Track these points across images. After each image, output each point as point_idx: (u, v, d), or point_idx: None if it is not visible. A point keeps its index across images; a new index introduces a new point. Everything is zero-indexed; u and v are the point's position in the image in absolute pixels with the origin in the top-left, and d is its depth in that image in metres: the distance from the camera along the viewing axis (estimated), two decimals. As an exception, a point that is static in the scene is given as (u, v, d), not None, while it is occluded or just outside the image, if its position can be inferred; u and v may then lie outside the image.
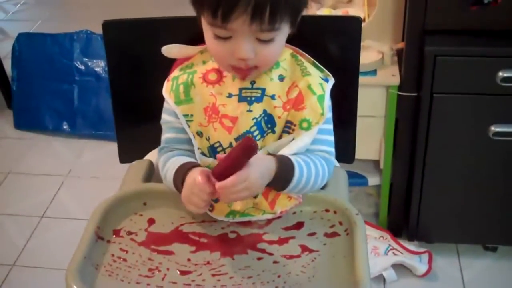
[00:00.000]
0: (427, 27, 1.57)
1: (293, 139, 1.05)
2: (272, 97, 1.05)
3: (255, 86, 1.05)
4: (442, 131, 1.66)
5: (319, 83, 1.07)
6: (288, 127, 1.05)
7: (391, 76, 1.70)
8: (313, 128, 1.05)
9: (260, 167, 0.97)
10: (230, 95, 1.05)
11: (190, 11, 1.03)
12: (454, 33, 1.57)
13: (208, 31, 0.99)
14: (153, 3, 3.48)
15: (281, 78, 1.06)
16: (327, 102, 1.06)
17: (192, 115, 1.07)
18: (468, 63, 1.57)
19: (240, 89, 1.05)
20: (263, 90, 1.05)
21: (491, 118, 1.62)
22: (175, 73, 1.11)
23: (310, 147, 1.07)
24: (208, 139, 1.06)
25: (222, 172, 0.94)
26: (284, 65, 1.07)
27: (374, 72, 1.72)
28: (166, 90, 1.09)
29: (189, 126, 1.07)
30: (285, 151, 1.04)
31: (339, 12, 1.85)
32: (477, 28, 1.56)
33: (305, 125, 1.05)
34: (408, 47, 1.63)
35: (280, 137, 1.06)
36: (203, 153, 1.08)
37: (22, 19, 3.54)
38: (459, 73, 1.58)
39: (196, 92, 1.06)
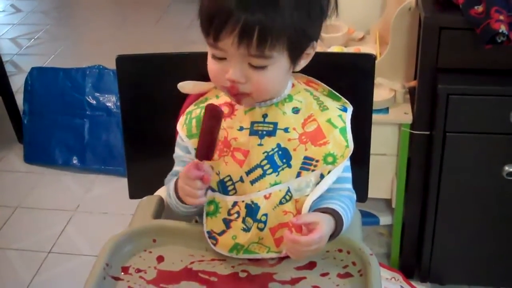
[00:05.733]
0: (440, 65, 1.57)
1: (321, 175, 1.04)
2: (285, 130, 1.04)
3: (267, 120, 1.04)
4: (455, 170, 1.65)
5: (338, 115, 1.07)
6: (308, 164, 1.04)
7: (404, 114, 1.69)
8: (343, 162, 1.04)
9: (328, 231, 0.98)
10: (241, 128, 1.04)
11: (201, 48, 1.04)
12: (467, 72, 1.56)
13: (209, 52, 1.00)
14: (165, 40, 3.52)
15: (296, 111, 1.05)
16: (350, 133, 1.06)
17: None
18: (481, 102, 1.56)
19: (252, 123, 1.04)
20: (275, 124, 1.04)
21: (504, 158, 1.61)
22: (190, 107, 1.11)
23: (335, 185, 1.06)
24: (218, 174, 1.05)
25: (204, 149, 0.99)
26: (298, 97, 1.06)
27: (386, 110, 1.71)
28: (180, 124, 1.10)
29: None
30: (319, 189, 1.03)
31: (351, 49, 1.85)
32: (490, 67, 1.55)
33: (330, 159, 1.04)
34: (420, 85, 1.62)
35: (298, 173, 1.04)
36: (211, 188, 1.06)
37: (35, 54, 3.58)
38: (472, 112, 1.57)
39: None
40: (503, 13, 1.43)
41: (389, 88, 1.73)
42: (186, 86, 1.12)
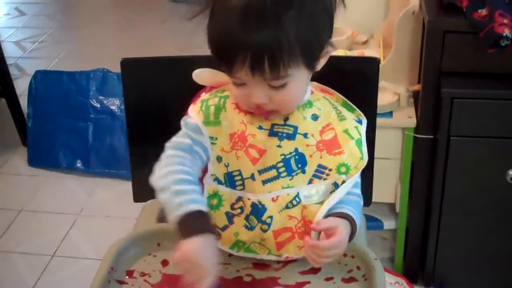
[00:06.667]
0: (443, 69, 1.57)
1: (335, 184, 1.03)
2: (305, 135, 1.03)
3: (288, 123, 1.04)
4: (459, 174, 1.64)
5: (354, 126, 1.07)
6: (321, 172, 1.03)
7: (407, 118, 1.69)
8: (357, 173, 1.04)
9: (346, 235, 0.98)
10: (260, 128, 1.03)
11: (206, 52, 1.03)
12: (471, 76, 1.56)
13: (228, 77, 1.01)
14: (170, 43, 3.52)
15: (315, 118, 1.05)
16: (365, 146, 1.06)
17: (216, 139, 1.04)
18: (485, 106, 1.56)
19: (273, 125, 1.03)
20: (296, 128, 1.03)
21: (509, 162, 1.61)
22: (203, 96, 1.08)
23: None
24: (226, 166, 1.04)
25: None
26: (317, 105, 1.06)
27: (390, 114, 1.71)
28: (194, 110, 1.06)
29: (212, 149, 1.04)
30: (334, 198, 1.02)
31: (354, 53, 1.85)
32: (494, 71, 1.56)
33: (343, 169, 1.04)
34: (424, 89, 1.62)
35: (310, 180, 1.04)
36: (217, 179, 1.04)
37: (40, 57, 3.58)
38: (476, 115, 1.57)
39: (226, 117, 1.04)
40: (507, 16, 1.43)
41: (393, 92, 1.73)
42: (202, 75, 1.10)
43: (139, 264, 1.06)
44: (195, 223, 0.94)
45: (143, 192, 1.30)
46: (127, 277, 1.04)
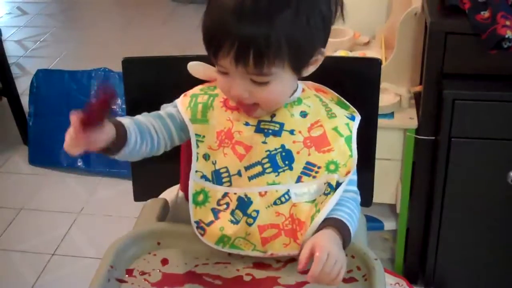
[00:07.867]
0: (445, 71, 1.57)
1: (329, 184, 1.02)
2: (291, 132, 1.04)
3: (274, 119, 1.04)
4: (460, 176, 1.64)
5: (345, 123, 1.07)
6: (310, 170, 1.03)
7: (409, 119, 1.69)
8: (347, 171, 1.04)
9: (331, 241, 0.96)
10: (247, 124, 1.04)
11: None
12: (473, 77, 1.56)
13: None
14: (171, 42, 3.52)
15: (304, 115, 1.05)
16: (355, 143, 1.05)
17: (203, 136, 1.05)
18: (487, 108, 1.56)
19: (259, 121, 1.04)
20: (282, 124, 1.04)
21: (510, 164, 1.60)
22: (194, 90, 1.10)
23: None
24: (214, 163, 1.05)
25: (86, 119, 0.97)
26: (307, 102, 1.06)
27: (391, 115, 1.71)
28: (183, 104, 1.08)
29: (197, 147, 1.06)
30: (331, 204, 1.01)
31: (356, 54, 1.85)
32: (496, 73, 1.55)
33: (332, 167, 1.04)
34: (426, 90, 1.62)
35: (299, 178, 1.03)
36: (204, 177, 1.05)
37: (41, 56, 3.59)
38: (477, 117, 1.57)
39: (213, 115, 1.06)
40: (509, 18, 1.43)
41: (394, 93, 1.73)
42: (196, 68, 1.12)
43: (139, 263, 1.06)
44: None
45: (144, 191, 1.30)
46: (127, 276, 1.04)
